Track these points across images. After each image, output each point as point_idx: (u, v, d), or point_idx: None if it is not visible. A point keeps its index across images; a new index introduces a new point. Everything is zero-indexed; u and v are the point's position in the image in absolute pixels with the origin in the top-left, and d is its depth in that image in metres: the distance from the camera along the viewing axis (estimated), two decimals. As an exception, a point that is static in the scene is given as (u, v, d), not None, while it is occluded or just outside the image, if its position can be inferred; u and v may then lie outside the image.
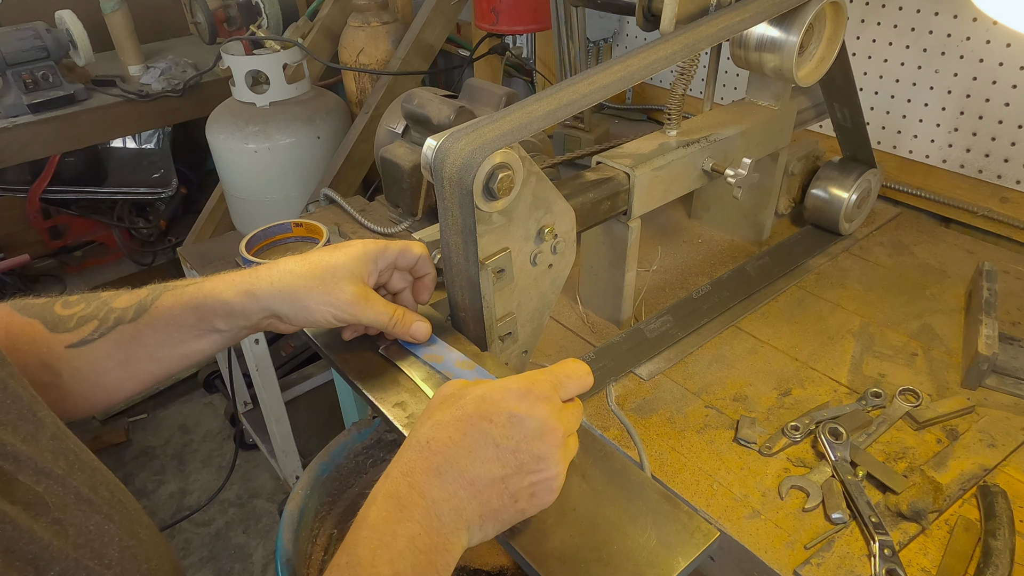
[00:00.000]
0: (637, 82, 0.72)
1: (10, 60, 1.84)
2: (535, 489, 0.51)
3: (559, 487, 0.52)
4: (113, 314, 0.62)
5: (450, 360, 0.68)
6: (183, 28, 2.53)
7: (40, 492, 0.42)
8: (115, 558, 0.44)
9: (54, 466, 0.44)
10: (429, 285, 0.72)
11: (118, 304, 0.63)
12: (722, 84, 1.48)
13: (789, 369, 0.88)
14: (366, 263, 0.65)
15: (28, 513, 0.40)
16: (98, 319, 0.62)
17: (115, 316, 0.62)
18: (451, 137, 0.63)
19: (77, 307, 0.63)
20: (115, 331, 0.62)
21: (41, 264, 2.51)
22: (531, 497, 0.51)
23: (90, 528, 0.44)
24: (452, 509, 0.49)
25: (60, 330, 0.61)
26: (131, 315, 0.62)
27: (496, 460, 0.50)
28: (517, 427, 0.51)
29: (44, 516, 0.41)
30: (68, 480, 0.45)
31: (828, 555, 0.65)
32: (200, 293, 0.63)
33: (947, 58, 1.13)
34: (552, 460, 0.51)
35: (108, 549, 0.44)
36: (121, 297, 0.64)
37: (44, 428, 0.47)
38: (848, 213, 1.09)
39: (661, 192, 0.90)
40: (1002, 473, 0.73)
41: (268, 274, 0.63)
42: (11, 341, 0.60)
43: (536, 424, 0.51)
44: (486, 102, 1.16)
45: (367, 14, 1.66)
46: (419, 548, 0.47)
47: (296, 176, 1.72)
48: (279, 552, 0.76)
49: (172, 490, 2.10)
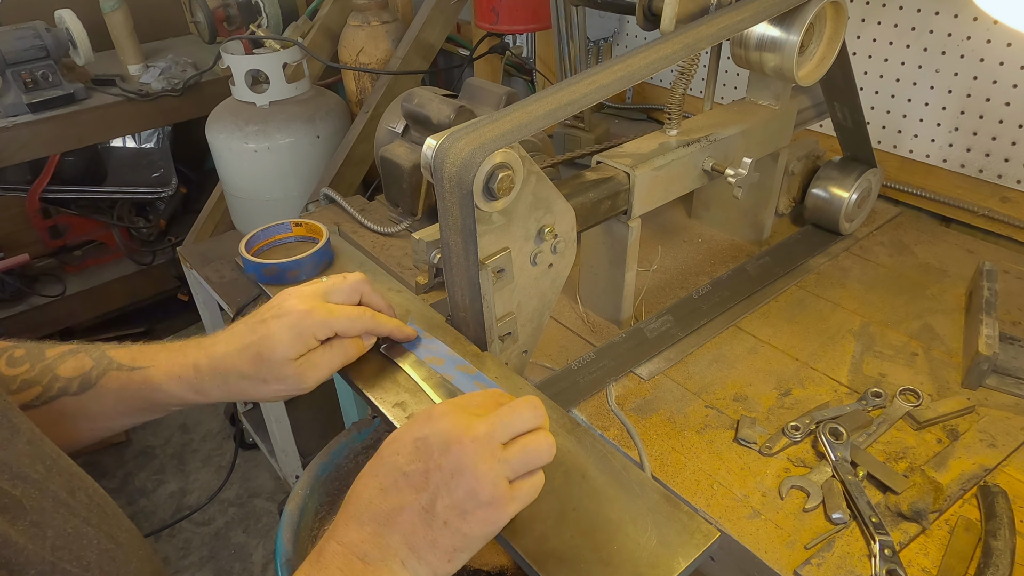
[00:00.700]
0: (637, 82, 0.72)
1: (10, 59, 1.84)
2: (463, 506, 0.48)
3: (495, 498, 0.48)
4: (57, 383, 0.62)
5: (451, 364, 0.67)
6: (183, 27, 2.53)
7: (17, 496, 0.42)
8: (93, 561, 0.44)
9: (31, 470, 0.44)
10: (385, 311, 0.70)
11: (62, 372, 0.62)
12: (722, 84, 1.48)
13: (789, 369, 0.88)
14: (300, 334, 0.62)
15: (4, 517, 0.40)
16: (42, 386, 0.61)
17: (59, 386, 0.62)
18: (451, 137, 0.63)
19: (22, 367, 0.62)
20: (58, 401, 0.61)
21: (41, 264, 2.51)
22: (463, 516, 0.48)
23: (68, 531, 0.44)
24: (376, 547, 0.48)
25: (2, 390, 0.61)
26: (75, 388, 0.62)
27: (408, 488, 0.49)
28: (422, 449, 0.49)
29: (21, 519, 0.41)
30: (45, 484, 0.45)
31: (828, 555, 0.65)
32: (148, 385, 0.63)
33: (947, 57, 1.13)
34: (470, 471, 0.48)
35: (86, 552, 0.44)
36: (66, 363, 0.63)
37: (19, 434, 0.47)
38: (848, 213, 1.09)
39: (661, 192, 0.90)
40: (1002, 473, 0.73)
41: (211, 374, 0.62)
42: None
43: (439, 438, 0.49)
44: (486, 102, 1.16)
45: (367, 13, 1.66)
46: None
47: (296, 176, 1.72)
48: (279, 552, 0.76)
49: (172, 490, 2.10)
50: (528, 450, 0.50)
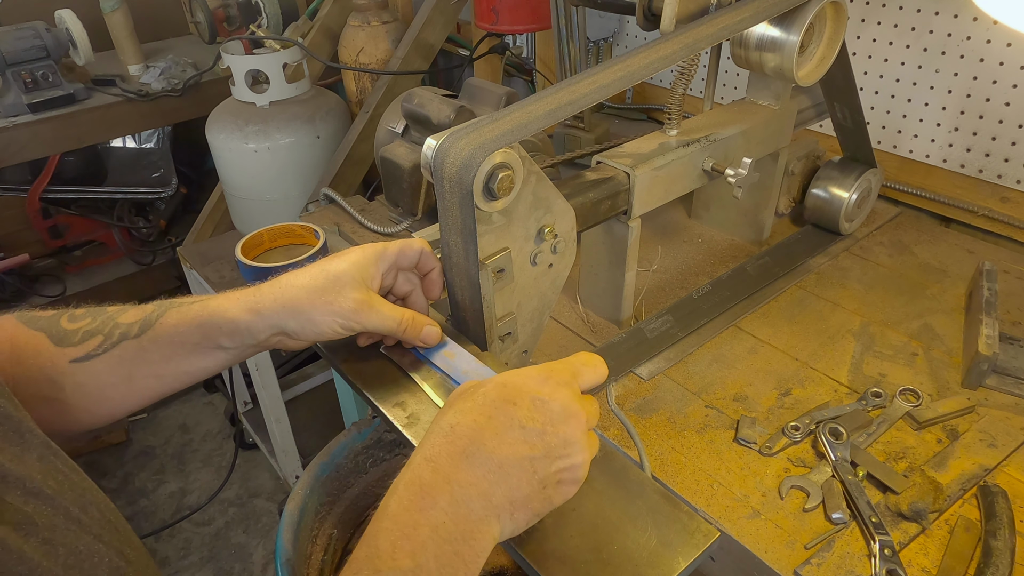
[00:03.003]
0: (637, 82, 0.72)
1: (10, 60, 1.84)
2: (562, 476, 0.50)
3: (583, 477, 0.51)
4: (118, 329, 0.62)
5: (458, 367, 0.67)
6: (183, 28, 2.53)
7: (29, 512, 0.42)
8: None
9: (43, 486, 0.44)
10: (436, 280, 0.71)
11: (123, 319, 0.63)
12: (722, 84, 1.48)
13: (789, 369, 0.88)
14: (367, 267, 0.64)
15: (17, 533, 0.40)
16: (103, 334, 0.62)
17: (120, 332, 0.62)
18: (451, 137, 0.63)
19: (83, 321, 0.63)
20: (119, 347, 0.61)
21: (41, 264, 2.51)
22: (558, 484, 0.50)
23: (80, 548, 0.43)
24: (480, 494, 0.47)
25: (65, 344, 0.61)
26: (136, 331, 0.62)
27: (524, 442, 0.49)
28: (542, 409, 0.50)
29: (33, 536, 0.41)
30: (58, 500, 0.44)
31: (828, 555, 0.65)
32: (205, 311, 0.62)
33: (947, 58, 1.13)
34: (579, 445, 0.50)
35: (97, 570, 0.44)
36: (127, 312, 0.63)
37: (33, 448, 0.46)
38: (848, 213, 1.09)
39: (661, 192, 0.90)
40: (1002, 473, 0.73)
41: (271, 290, 0.63)
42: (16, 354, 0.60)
43: (560, 407, 0.50)
44: (486, 102, 1.16)
45: (367, 13, 1.66)
46: (443, 537, 0.45)
47: (296, 176, 1.72)
48: (279, 552, 0.76)
49: (172, 490, 2.11)
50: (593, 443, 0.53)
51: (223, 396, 2.34)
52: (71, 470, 0.48)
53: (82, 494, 0.48)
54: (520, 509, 0.49)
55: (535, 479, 0.49)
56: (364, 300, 0.63)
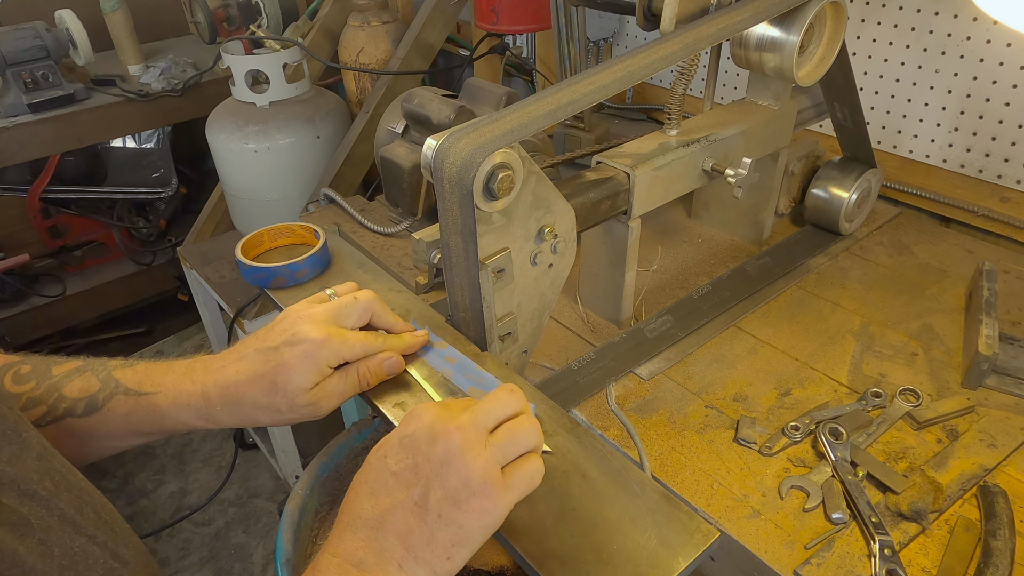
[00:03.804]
0: (637, 82, 0.72)
1: (10, 60, 1.84)
2: (456, 495, 0.47)
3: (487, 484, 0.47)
4: (63, 404, 0.61)
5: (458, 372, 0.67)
6: (183, 28, 2.53)
7: (24, 513, 0.42)
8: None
9: (39, 487, 0.44)
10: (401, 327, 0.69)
11: (68, 393, 0.61)
12: (722, 84, 1.48)
13: (789, 369, 0.88)
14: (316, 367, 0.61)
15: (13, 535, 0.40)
16: (47, 405, 0.61)
17: (64, 407, 0.61)
18: (451, 137, 0.63)
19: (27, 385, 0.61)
20: (64, 422, 0.61)
21: (41, 264, 2.51)
22: (457, 506, 0.47)
23: (75, 550, 0.43)
24: (371, 552, 0.47)
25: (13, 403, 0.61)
26: (81, 410, 0.61)
27: (398, 486, 0.48)
28: (408, 446, 0.49)
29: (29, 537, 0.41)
30: (53, 501, 0.44)
31: (828, 555, 0.65)
32: (154, 411, 0.62)
33: (947, 58, 1.13)
34: (459, 459, 0.47)
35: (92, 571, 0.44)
36: (72, 383, 0.62)
37: (29, 448, 0.46)
38: (848, 213, 1.09)
39: (661, 192, 0.90)
40: (1002, 473, 0.73)
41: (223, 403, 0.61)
42: None
43: (424, 431, 0.49)
44: (486, 102, 1.16)
45: (367, 14, 1.66)
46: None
47: (296, 176, 1.72)
48: (279, 552, 0.76)
49: (172, 490, 2.11)
50: (513, 432, 0.51)
51: (223, 396, 2.34)
52: (68, 470, 0.49)
53: (78, 495, 0.48)
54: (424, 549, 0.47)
55: (424, 513, 0.47)
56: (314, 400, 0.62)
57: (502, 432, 0.50)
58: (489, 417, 0.51)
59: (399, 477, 0.49)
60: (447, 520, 0.47)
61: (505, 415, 0.52)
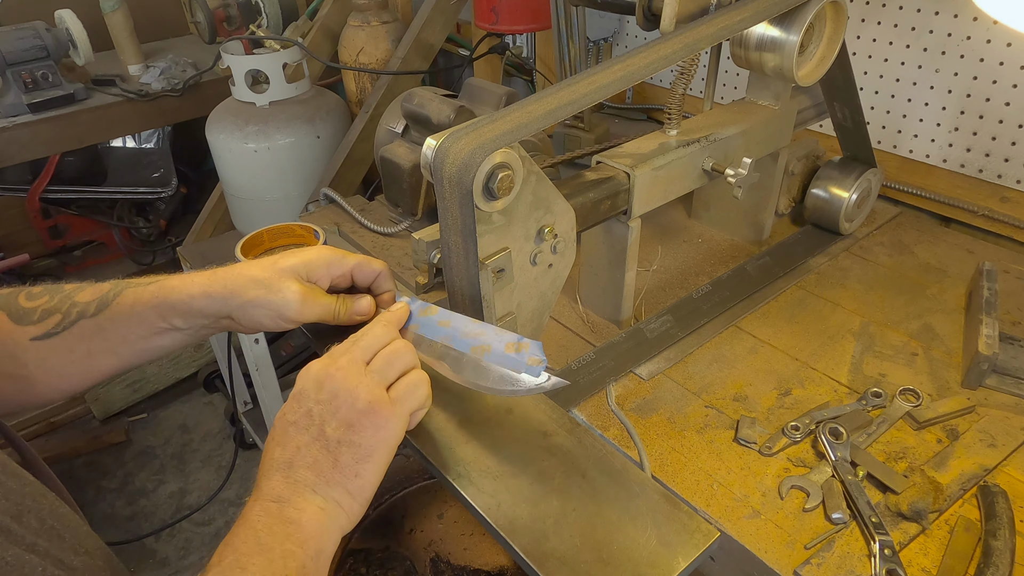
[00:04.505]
0: (637, 82, 0.72)
1: (10, 60, 1.84)
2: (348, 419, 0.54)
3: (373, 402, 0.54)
4: (76, 308, 0.64)
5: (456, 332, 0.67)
6: (183, 28, 2.53)
7: None
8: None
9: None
10: (388, 302, 0.72)
11: (80, 298, 0.64)
12: (722, 84, 1.48)
13: (789, 369, 0.88)
14: (317, 267, 0.67)
15: None
16: (61, 312, 0.63)
17: (77, 310, 0.63)
18: (451, 137, 0.63)
19: (41, 299, 0.64)
20: (77, 325, 0.63)
21: (41, 264, 2.51)
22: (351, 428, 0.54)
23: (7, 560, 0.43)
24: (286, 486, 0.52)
25: (24, 322, 0.63)
26: (92, 310, 0.64)
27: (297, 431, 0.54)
28: (299, 398, 0.56)
29: None
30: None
31: (828, 555, 0.65)
32: (161, 291, 0.64)
33: (947, 57, 1.13)
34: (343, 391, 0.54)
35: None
36: (84, 291, 0.65)
37: None
38: (848, 213, 1.09)
39: (661, 192, 0.90)
40: (1002, 473, 0.73)
41: (224, 275, 0.66)
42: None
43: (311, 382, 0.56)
44: (486, 102, 1.16)
45: (367, 13, 1.66)
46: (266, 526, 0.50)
47: (296, 176, 1.72)
48: (279, 552, 0.76)
49: (172, 490, 2.10)
50: (389, 356, 0.58)
51: (223, 396, 2.34)
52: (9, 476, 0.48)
53: (19, 502, 0.47)
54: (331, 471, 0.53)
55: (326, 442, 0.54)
56: (303, 293, 0.65)
57: (379, 358, 0.57)
58: (367, 351, 0.57)
59: (297, 425, 0.55)
60: (346, 442, 0.54)
61: (381, 345, 0.58)
